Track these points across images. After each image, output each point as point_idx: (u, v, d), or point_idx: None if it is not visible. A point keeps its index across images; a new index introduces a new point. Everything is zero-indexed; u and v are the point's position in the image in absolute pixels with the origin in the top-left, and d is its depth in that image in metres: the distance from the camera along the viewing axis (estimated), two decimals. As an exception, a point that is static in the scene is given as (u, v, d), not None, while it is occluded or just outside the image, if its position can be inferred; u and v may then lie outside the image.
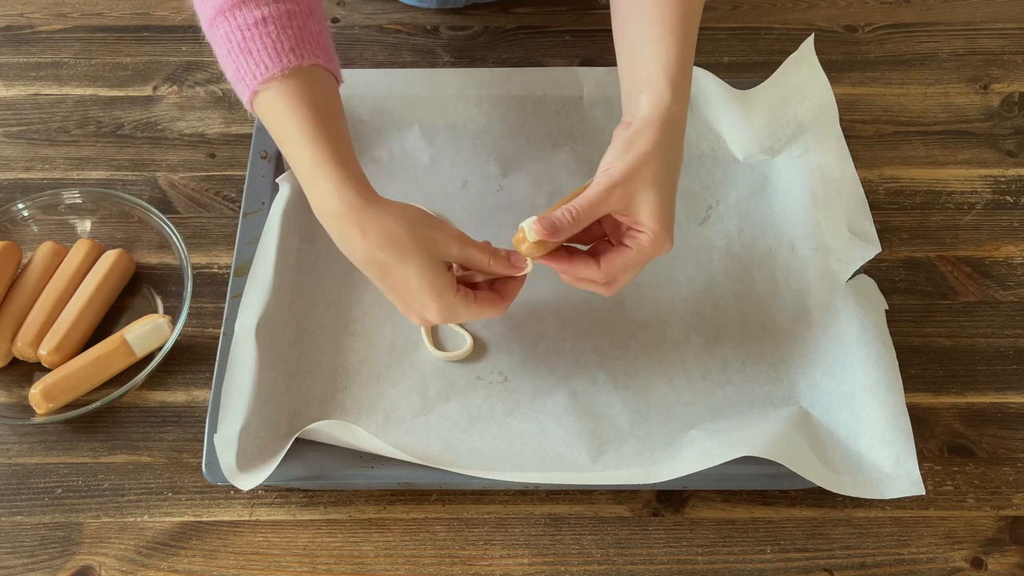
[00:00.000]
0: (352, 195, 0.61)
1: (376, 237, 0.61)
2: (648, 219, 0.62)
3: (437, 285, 0.62)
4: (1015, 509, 0.68)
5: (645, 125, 0.64)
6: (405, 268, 0.61)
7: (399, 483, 0.66)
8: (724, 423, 0.68)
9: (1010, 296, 0.78)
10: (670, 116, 0.64)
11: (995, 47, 0.94)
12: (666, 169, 0.63)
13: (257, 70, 0.61)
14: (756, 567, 0.66)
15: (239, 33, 0.62)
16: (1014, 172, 0.86)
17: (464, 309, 0.64)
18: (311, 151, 0.61)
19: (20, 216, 0.79)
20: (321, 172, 0.61)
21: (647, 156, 0.63)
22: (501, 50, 0.94)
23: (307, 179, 0.63)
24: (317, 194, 0.62)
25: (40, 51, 0.93)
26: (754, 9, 0.97)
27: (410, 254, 0.61)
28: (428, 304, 0.63)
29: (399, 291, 0.63)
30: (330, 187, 0.61)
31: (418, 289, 0.62)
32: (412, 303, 0.63)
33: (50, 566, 0.65)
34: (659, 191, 0.62)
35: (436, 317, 0.63)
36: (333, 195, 0.61)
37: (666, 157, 0.63)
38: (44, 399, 0.69)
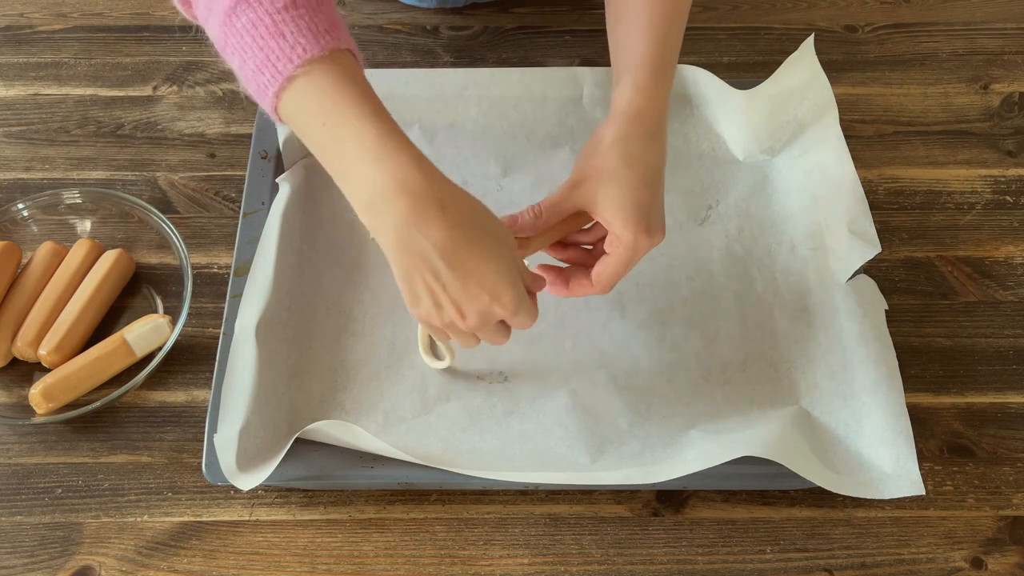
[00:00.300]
0: (430, 167, 0.57)
1: (456, 214, 0.56)
2: (612, 217, 0.62)
3: (516, 271, 0.58)
4: (1015, 509, 0.68)
5: (607, 122, 0.65)
6: (484, 249, 0.56)
7: (399, 483, 0.66)
8: (724, 423, 0.68)
9: (1010, 296, 0.78)
10: (633, 110, 0.64)
11: (995, 47, 0.94)
12: (629, 163, 0.63)
13: (293, 52, 0.56)
14: (756, 567, 0.66)
15: (267, 18, 0.57)
16: (1014, 172, 0.86)
17: (527, 307, 0.59)
18: (376, 126, 0.56)
19: (20, 216, 0.79)
20: (392, 144, 0.56)
21: (605, 152, 0.63)
22: (501, 50, 0.94)
23: (373, 156, 0.56)
24: (387, 169, 0.56)
25: (40, 51, 0.93)
26: (754, 9, 0.97)
27: (491, 230, 0.58)
28: (503, 293, 0.57)
29: (471, 277, 0.57)
30: (406, 159, 0.56)
31: (496, 274, 0.57)
32: (480, 293, 0.57)
33: (50, 566, 0.65)
34: (620, 186, 0.62)
35: (506, 308, 0.58)
36: (411, 166, 0.56)
37: (628, 151, 0.63)
38: (44, 399, 0.69)
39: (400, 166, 0.56)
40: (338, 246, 0.78)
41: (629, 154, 0.63)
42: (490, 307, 0.58)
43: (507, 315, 0.59)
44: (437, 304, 0.59)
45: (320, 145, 0.58)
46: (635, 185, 0.63)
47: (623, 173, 0.63)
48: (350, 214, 0.79)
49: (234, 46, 0.58)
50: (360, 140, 0.56)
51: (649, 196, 0.63)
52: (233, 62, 0.59)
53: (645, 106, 0.65)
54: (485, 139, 0.83)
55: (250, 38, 0.57)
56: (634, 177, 0.63)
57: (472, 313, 0.58)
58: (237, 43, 0.58)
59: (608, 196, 0.62)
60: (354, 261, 0.77)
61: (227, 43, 0.59)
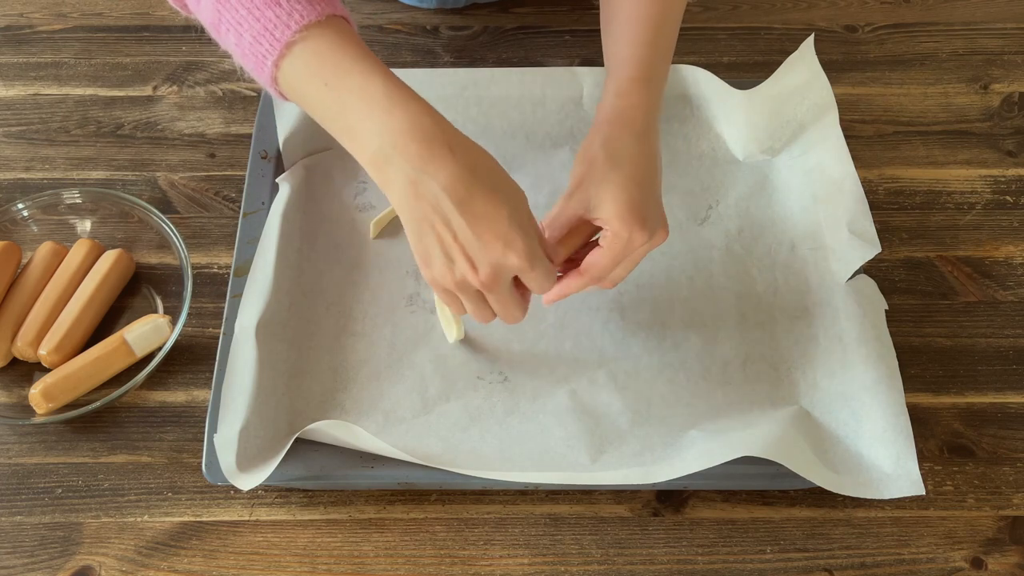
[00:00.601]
0: (439, 116, 0.57)
1: (466, 157, 0.56)
2: (608, 215, 0.63)
3: (529, 219, 0.58)
4: (1015, 509, 0.68)
5: (593, 129, 0.67)
6: (496, 193, 0.56)
7: (399, 483, 0.66)
8: (724, 423, 0.68)
9: (1010, 296, 0.78)
10: (614, 115, 0.66)
11: (995, 47, 0.94)
12: (618, 164, 0.63)
13: (290, 19, 0.57)
14: (756, 567, 0.66)
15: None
16: (1014, 172, 0.86)
17: (544, 262, 0.58)
18: (382, 80, 0.57)
19: (20, 216, 0.79)
20: (399, 95, 0.57)
21: (592, 158, 0.64)
22: (501, 50, 0.94)
23: (381, 107, 0.56)
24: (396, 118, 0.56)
25: (40, 51, 0.93)
26: (754, 9, 0.97)
27: (504, 179, 0.58)
28: (516, 239, 0.56)
29: (483, 221, 0.56)
30: (415, 107, 0.56)
31: (509, 220, 0.56)
32: (492, 239, 0.56)
33: (50, 566, 0.65)
34: (611, 186, 0.63)
35: (520, 257, 0.57)
36: (421, 113, 0.56)
37: (615, 153, 0.64)
38: (44, 399, 0.69)
39: (409, 114, 0.56)
40: (338, 246, 0.78)
41: (616, 156, 0.64)
42: (503, 256, 0.57)
43: (521, 266, 0.57)
44: (448, 257, 0.58)
45: (324, 106, 0.58)
46: (625, 184, 0.63)
47: (612, 175, 0.63)
48: (350, 213, 0.80)
49: (229, 22, 0.58)
50: (366, 93, 0.57)
51: (641, 194, 0.63)
52: (229, 40, 0.59)
53: (627, 109, 0.66)
54: (485, 139, 0.82)
55: (245, 11, 0.57)
56: (623, 177, 0.63)
57: (484, 263, 0.57)
58: (232, 18, 0.58)
59: (601, 198, 0.63)
60: (354, 261, 0.77)
61: (221, 20, 0.58)
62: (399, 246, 0.78)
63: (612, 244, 0.63)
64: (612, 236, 0.63)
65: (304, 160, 0.81)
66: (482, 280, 0.58)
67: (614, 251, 0.63)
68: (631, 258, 0.65)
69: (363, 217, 0.80)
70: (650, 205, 0.64)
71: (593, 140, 0.66)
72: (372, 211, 0.80)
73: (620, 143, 0.65)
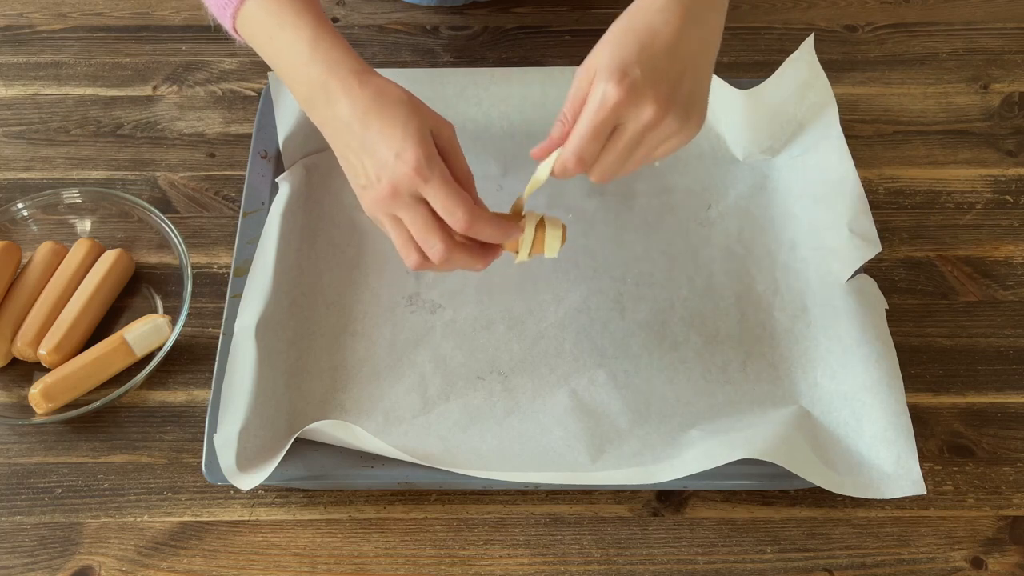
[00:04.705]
0: (355, 62, 0.63)
1: (372, 90, 0.61)
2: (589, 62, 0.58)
3: (422, 133, 0.59)
4: (1015, 509, 0.68)
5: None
6: (396, 113, 0.59)
7: (399, 483, 0.66)
8: (724, 423, 0.68)
9: (1010, 296, 0.78)
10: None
11: (995, 47, 0.94)
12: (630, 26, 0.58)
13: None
14: (756, 567, 0.66)
15: None
16: (1014, 172, 0.86)
17: (441, 175, 0.58)
18: (310, 31, 0.63)
19: (20, 216, 0.79)
20: (324, 43, 0.63)
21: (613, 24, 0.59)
22: (501, 50, 0.94)
23: (306, 58, 0.63)
24: (319, 66, 0.62)
25: (40, 51, 0.93)
26: (754, 9, 0.97)
27: (402, 102, 0.60)
28: (404, 150, 0.58)
29: (378, 139, 0.59)
30: (337, 54, 0.63)
31: (403, 135, 0.59)
32: (387, 152, 0.59)
33: (50, 566, 0.65)
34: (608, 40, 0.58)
35: (407, 164, 0.58)
36: (337, 62, 0.62)
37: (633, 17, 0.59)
38: (44, 399, 0.69)
39: (329, 61, 0.62)
40: (338, 246, 0.78)
41: (632, 19, 0.59)
42: (395, 165, 0.59)
43: (412, 176, 0.58)
44: (357, 169, 0.62)
45: (268, 56, 0.67)
46: (625, 42, 0.57)
47: (617, 32, 0.58)
48: (350, 213, 0.80)
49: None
50: (296, 46, 0.64)
51: (639, 53, 0.56)
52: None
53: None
54: (485, 139, 0.83)
55: None
56: (629, 35, 0.57)
57: (382, 177, 0.60)
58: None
59: (595, 51, 0.58)
60: (354, 261, 0.77)
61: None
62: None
63: (589, 103, 0.57)
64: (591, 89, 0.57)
65: (304, 160, 0.81)
66: (383, 193, 0.60)
67: (589, 109, 0.57)
68: (621, 136, 0.58)
69: (363, 217, 0.80)
70: (653, 71, 0.56)
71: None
72: (372, 211, 0.80)
73: (644, 11, 0.59)
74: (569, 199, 0.81)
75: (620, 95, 0.56)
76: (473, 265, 0.63)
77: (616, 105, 0.56)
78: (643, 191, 0.81)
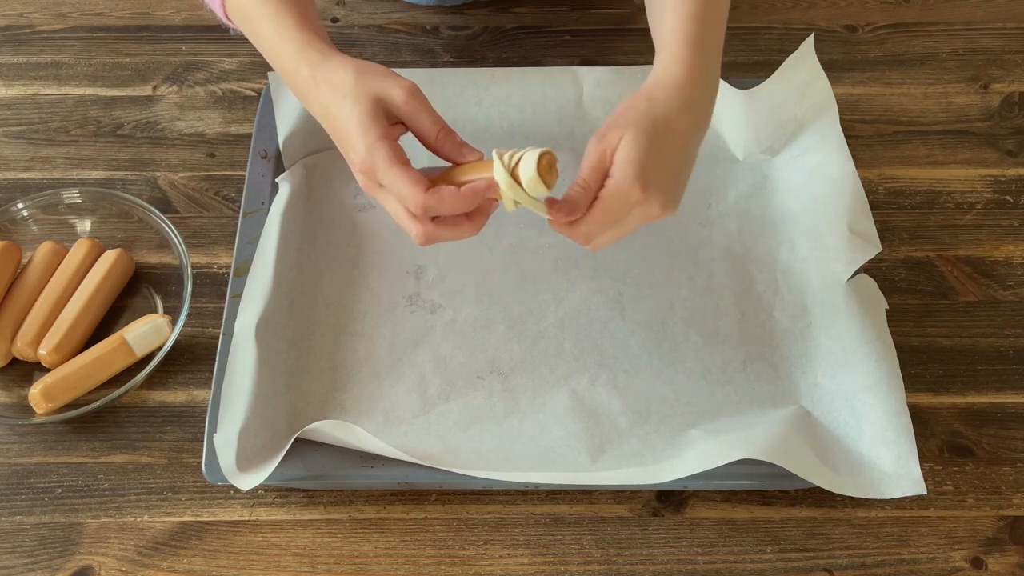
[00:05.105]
0: (313, 53, 0.64)
1: (324, 86, 0.63)
2: (618, 159, 0.60)
3: (364, 123, 0.60)
4: (1015, 509, 0.68)
5: (644, 87, 0.64)
6: (342, 107, 0.61)
7: (399, 483, 0.66)
8: (724, 422, 0.68)
9: (1010, 296, 0.78)
10: (668, 78, 0.63)
11: (995, 47, 0.94)
12: (651, 121, 0.61)
13: None
14: (756, 567, 0.66)
15: None
16: (1014, 172, 0.86)
17: (385, 162, 0.60)
18: (274, 23, 0.65)
19: (20, 216, 0.79)
20: (285, 36, 0.65)
21: (632, 107, 0.62)
22: (501, 50, 0.94)
23: (274, 50, 0.66)
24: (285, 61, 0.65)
25: (40, 51, 0.93)
26: (754, 9, 0.97)
27: (349, 93, 0.61)
28: (352, 143, 0.61)
29: (338, 136, 0.63)
30: (292, 48, 0.65)
31: (346, 126, 0.61)
32: (344, 144, 0.62)
33: (50, 566, 0.65)
34: (632, 136, 0.60)
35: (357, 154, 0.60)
36: (295, 55, 0.64)
37: (654, 112, 0.61)
38: (44, 399, 0.69)
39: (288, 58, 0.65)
40: (337, 245, 0.78)
41: (654, 114, 0.61)
42: (352, 157, 0.62)
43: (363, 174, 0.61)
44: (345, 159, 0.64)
45: (256, 43, 0.69)
46: (648, 141, 0.60)
47: (641, 127, 0.61)
48: (350, 213, 0.80)
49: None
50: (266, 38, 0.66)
51: (658, 156, 0.61)
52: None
53: (682, 77, 0.63)
54: (485, 139, 0.83)
55: None
56: (651, 134, 0.61)
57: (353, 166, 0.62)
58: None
59: (625, 141, 0.60)
60: (353, 260, 0.77)
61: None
62: (399, 246, 0.78)
63: (607, 196, 0.61)
64: (613, 185, 0.61)
65: (304, 160, 0.81)
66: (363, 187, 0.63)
67: (607, 205, 0.61)
68: (623, 222, 0.62)
69: (363, 217, 0.80)
70: (662, 173, 0.61)
71: (641, 95, 0.63)
72: (372, 211, 0.80)
73: (663, 106, 0.62)
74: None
75: (642, 198, 0.60)
76: (461, 236, 0.63)
77: (634, 204, 0.61)
78: (643, 191, 0.81)
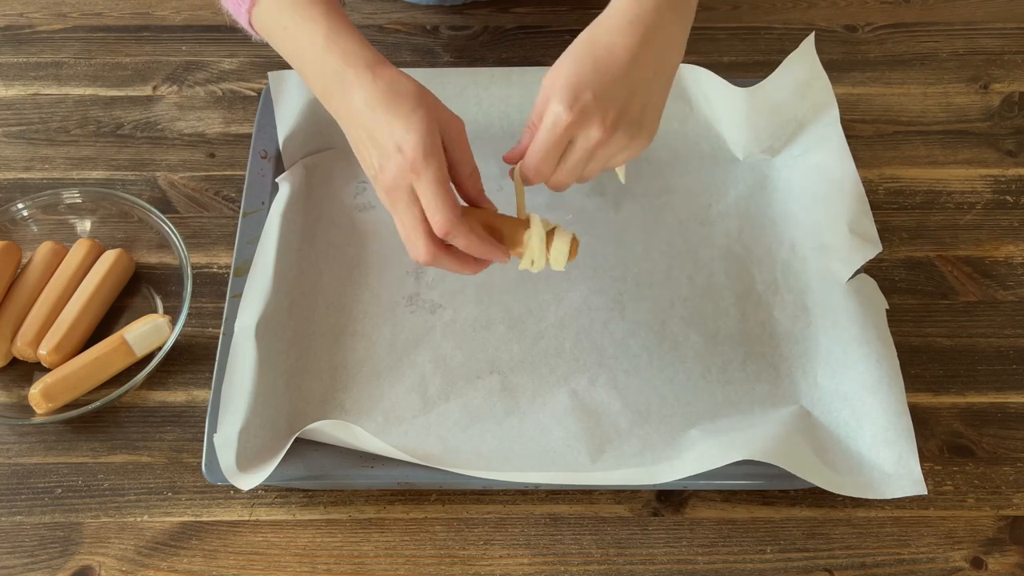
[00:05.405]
0: (370, 54, 0.63)
1: (384, 81, 0.61)
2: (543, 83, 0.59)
3: (428, 130, 0.59)
4: (1015, 509, 0.68)
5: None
6: (401, 107, 0.60)
7: (399, 483, 0.66)
8: (724, 422, 0.68)
9: (1010, 296, 0.78)
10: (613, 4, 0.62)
11: (995, 47, 0.94)
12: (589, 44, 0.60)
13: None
14: (756, 567, 0.66)
15: None
16: (1014, 172, 0.86)
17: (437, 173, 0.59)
18: (324, 23, 0.63)
19: (20, 216, 0.79)
20: (338, 34, 0.63)
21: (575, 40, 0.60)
22: (501, 50, 0.94)
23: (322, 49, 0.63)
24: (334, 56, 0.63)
25: (40, 51, 0.93)
26: (754, 9, 0.97)
27: (411, 95, 0.60)
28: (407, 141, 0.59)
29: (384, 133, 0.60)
30: (352, 45, 0.63)
31: (406, 125, 0.59)
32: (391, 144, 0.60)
33: (50, 566, 0.65)
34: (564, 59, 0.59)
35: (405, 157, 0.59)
36: (351, 53, 0.62)
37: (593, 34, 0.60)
38: (44, 399, 0.69)
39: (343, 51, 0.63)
40: (337, 245, 0.78)
41: (590, 35, 0.60)
42: (395, 157, 0.60)
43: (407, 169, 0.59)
44: (368, 159, 0.63)
45: (285, 50, 0.67)
46: (577, 60, 0.59)
47: (572, 49, 0.60)
48: (350, 213, 0.80)
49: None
50: (312, 37, 0.64)
51: (592, 74, 0.58)
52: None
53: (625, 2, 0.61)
54: (485, 139, 0.83)
55: None
56: (582, 53, 0.59)
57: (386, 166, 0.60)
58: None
59: (557, 64, 0.59)
60: (353, 260, 0.77)
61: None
62: (399, 246, 0.78)
63: (542, 128, 0.59)
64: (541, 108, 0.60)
65: (304, 160, 0.81)
66: (384, 185, 0.61)
67: (540, 136, 0.60)
68: (571, 150, 0.60)
69: (363, 217, 0.80)
70: (606, 91, 0.59)
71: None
72: (372, 211, 0.80)
73: (605, 25, 0.61)
74: (569, 198, 0.81)
75: (570, 119, 0.58)
76: (460, 271, 0.63)
77: (567, 127, 0.59)
78: (643, 191, 0.81)
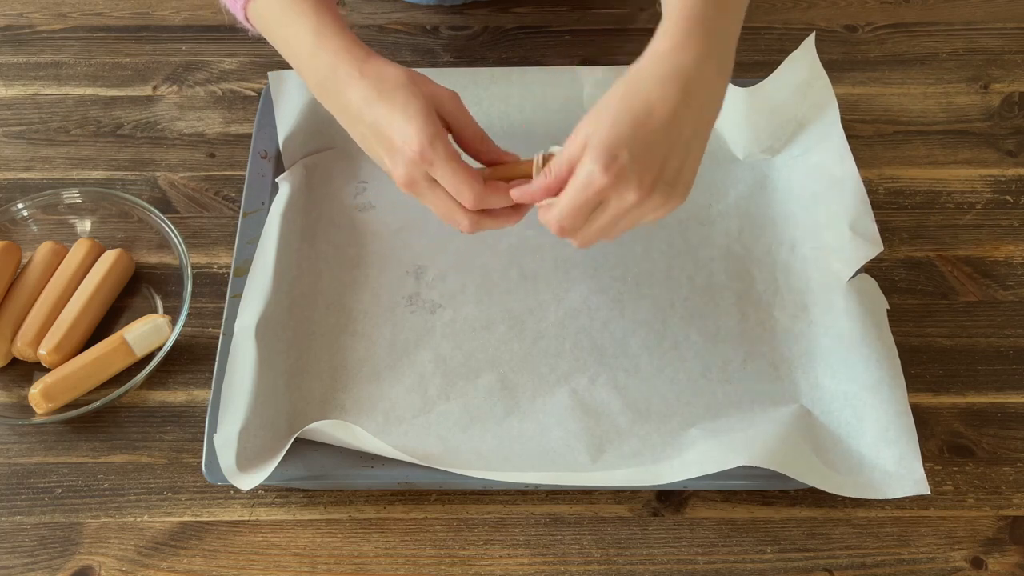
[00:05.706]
0: (359, 51, 0.64)
1: (372, 78, 0.62)
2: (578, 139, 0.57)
3: (424, 117, 0.59)
4: (1015, 509, 0.68)
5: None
6: (395, 101, 0.60)
7: (399, 483, 0.66)
8: (724, 422, 0.68)
9: (1010, 296, 0.78)
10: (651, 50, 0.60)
11: (995, 47, 0.94)
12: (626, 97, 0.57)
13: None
14: (756, 567, 0.66)
15: None
16: (1014, 172, 0.86)
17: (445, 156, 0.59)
18: (314, 21, 0.64)
19: (20, 216, 0.79)
20: (328, 32, 0.64)
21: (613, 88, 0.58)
22: (501, 50, 0.94)
23: (312, 47, 0.64)
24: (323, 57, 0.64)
25: (40, 51, 0.93)
26: (754, 9, 0.97)
27: (401, 85, 0.61)
28: (409, 135, 0.59)
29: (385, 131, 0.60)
30: (340, 42, 0.63)
31: (404, 119, 0.59)
32: (396, 141, 0.60)
33: (50, 566, 0.65)
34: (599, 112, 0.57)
35: (411, 148, 0.59)
36: (340, 51, 0.63)
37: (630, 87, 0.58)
38: (44, 399, 0.69)
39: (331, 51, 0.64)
40: (337, 246, 0.78)
41: (630, 89, 0.58)
42: (403, 152, 0.60)
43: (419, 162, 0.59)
44: (379, 158, 0.63)
45: (279, 46, 0.68)
46: (620, 120, 0.56)
47: (615, 105, 0.57)
48: (350, 213, 0.80)
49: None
50: (302, 36, 0.65)
51: (632, 133, 0.56)
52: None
53: (666, 47, 0.59)
54: (485, 139, 0.83)
55: None
56: (625, 113, 0.56)
57: (397, 162, 0.61)
58: None
59: (592, 115, 0.57)
60: (353, 260, 0.77)
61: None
62: (399, 246, 0.78)
63: (572, 183, 0.58)
64: (576, 168, 0.58)
65: (304, 160, 0.81)
66: (402, 180, 0.62)
67: (569, 193, 0.58)
68: (603, 211, 0.59)
69: (363, 217, 0.80)
70: (644, 153, 0.56)
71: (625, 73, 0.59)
72: (372, 211, 0.80)
73: (645, 77, 0.58)
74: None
75: (606, 181, 0.56)
76: (507, 225, 0.64)
77: (601, 189, 0.57)
78: (643, 191, 0.81)
